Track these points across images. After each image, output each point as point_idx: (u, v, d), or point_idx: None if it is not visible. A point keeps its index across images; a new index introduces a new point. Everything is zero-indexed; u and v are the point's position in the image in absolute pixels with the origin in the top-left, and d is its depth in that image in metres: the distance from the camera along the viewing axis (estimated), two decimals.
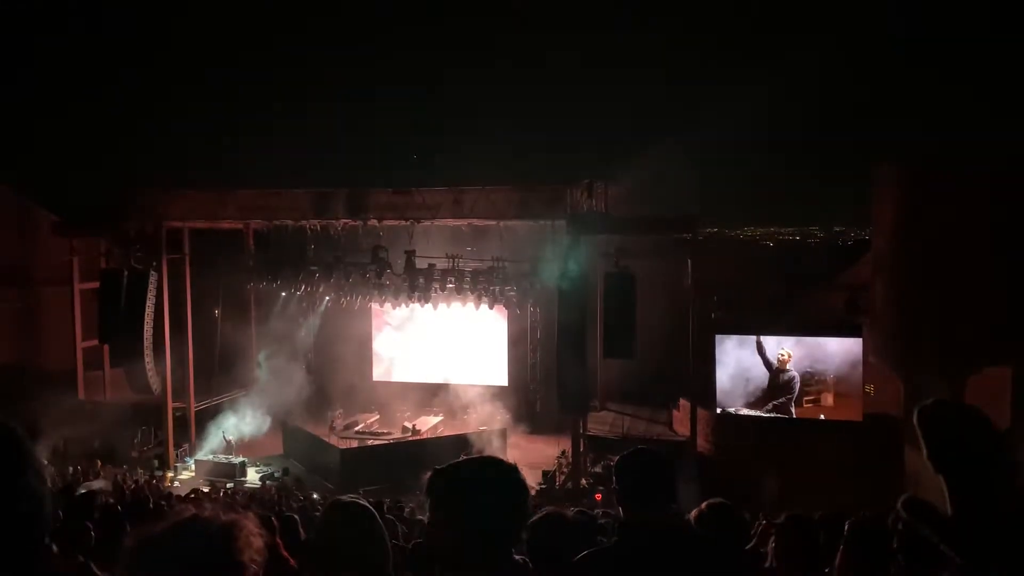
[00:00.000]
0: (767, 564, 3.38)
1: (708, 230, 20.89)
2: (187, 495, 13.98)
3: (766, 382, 18.64)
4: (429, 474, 2.04)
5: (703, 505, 3.60)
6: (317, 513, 11.11)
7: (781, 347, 18.54)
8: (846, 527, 5.32)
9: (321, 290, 21.28)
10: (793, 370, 18.44)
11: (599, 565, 2.53)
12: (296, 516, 5.14)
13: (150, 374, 20.39)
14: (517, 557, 2.03)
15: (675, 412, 20.90)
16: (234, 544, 1.37)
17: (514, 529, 2.01)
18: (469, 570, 1.93)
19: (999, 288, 16.12)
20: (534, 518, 3.17)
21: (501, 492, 1.97)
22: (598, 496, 16.38)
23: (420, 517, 10.37)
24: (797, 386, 18.41)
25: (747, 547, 4.08)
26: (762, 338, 18.63)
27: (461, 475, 2.00)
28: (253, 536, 1.40)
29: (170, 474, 19.90)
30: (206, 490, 16.74)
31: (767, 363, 18.61)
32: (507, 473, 2.03)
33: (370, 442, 20.32)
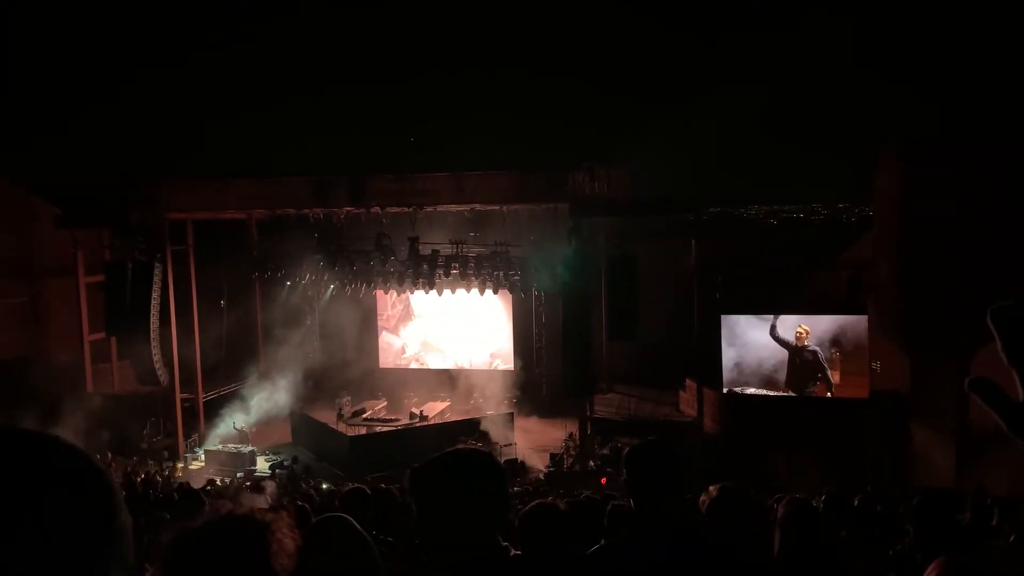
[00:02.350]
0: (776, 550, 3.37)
1: (711, 210, 20.78)
2: (203, 487, 14.03)
3: (772, 363, 18.57)
4: (408, 473, 2.08)
5: (711, 489, 3.56)
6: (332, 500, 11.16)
7: (799, 324, 18.37)
8: (856, 503, 5.36)
9: (326, 278, 21.31)
10: (812, 344, 18.29)
11: (612, 559, 2.54)
12: (308, 506, 5.17)
13: (157, 365, 20.45)
14: (504, 543, 2.06)
15: (682, 393, 20.94)
16: (268, 545, 1.38)
17: (496, 515, 2.05)
18: (457, 560, 1.97)
19: (1003, 262, 16.08)
20: (524, 510, 3.17)
21: (479, 481, 2.02)
22: (603, 480, 16.42)
23: None
24: (824, 359, 18.22)
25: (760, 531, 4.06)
26: (776, 321, 18.46)
27: (438, 469, 2.05)
28: (286, 539, 1.42)
29: (180, 465, 20.01)
30: (218, 480, 16.83)
31: (784, 344, 18.48)
32: (483, 461, 2.09)
33: (378, 428, 20.39)
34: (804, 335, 18.30)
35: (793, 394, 18.40)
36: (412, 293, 21.60)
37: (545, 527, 3.03)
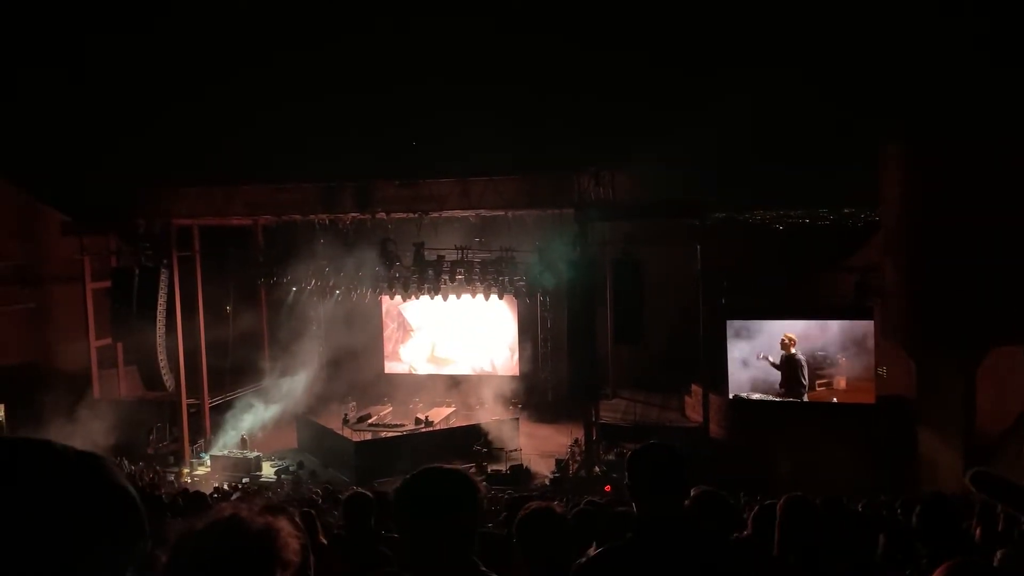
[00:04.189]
0: (774, 552, 3.38)
1: (717, 215, 20.73)
2: (210, 494, 14.03)
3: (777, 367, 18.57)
4: (393, 491, 2.09)
5: (691, 492, 3.58)
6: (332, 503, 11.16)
7: (785, 332, 18.40)
8: (860, 508, 5.34)
9: (331, 284, 21.35)
10: (799, 354, 18.32)
11: (614, 562, 2.54)
12: (313, 512, 5.17)
13: (163, 371, 20.50)
14: (483, 569, 2.05)
15: (687, 398, 20.89)
16: (273, 546, 1.38)
17: (469, 534, 2.03)
18: None
19: (1011, 265, 16.03)
20: (521, 514, 3.15)
21: (449, 500, 2.01)
22: (607, 488, 16.38)
23: None
24: (805, 369, 18.26)
25: (741, 533, 4.08)
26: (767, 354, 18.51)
27: (409, 490, 2.04)
28: (291, 538, 1.41)
29: (186, 470, 20.04)
30: (225, 487, 16.84)
31: (776, 366, 18.48)
32: (454, 480, 2.06)
33: (383, 434, 20.39)
34: (791, 343, 18.30)
35: (795, 399, 18.36)
36: (417, 299, 21.60)
37: (542, 530, 3.02)
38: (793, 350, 18.34)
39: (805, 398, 18.35)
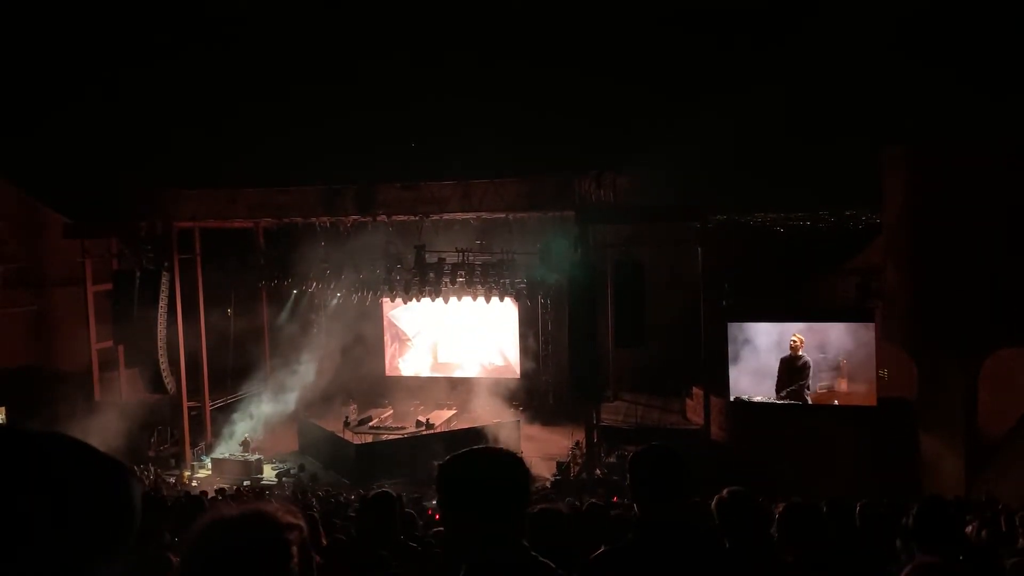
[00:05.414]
0: (773, 555, 3.39)
1: (718, 217, 20.71)
2: (213, 496, 14.02)
3: (777, 369, 18.55)
4: (439, 466, 2.06)
5: (724, 492, 3.62)
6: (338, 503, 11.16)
7: (793, 332, 18.41)
8: (857, 510, 5.35)
9: (332, 286, 21.37)
10: (806, 355, 18.33)
11: (615, 564, 2.54)
12: (316, 515, 5.18)
13: (164, 373, 20.51)
14: (534, 553, 2.03)
15: (688, 400, 20.88)
16: (288, 546, 1.38)
17: (520, 515, 2.01)
18: (485, 558, 1.95)
19: (1013, 268, 16.04)
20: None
21: (501, 483, 1.98)
22: (615, 499, 16.34)
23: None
24: (811, 371, 18.28)
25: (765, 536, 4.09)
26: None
27: (461, 468, 2.01)
28: (290, 516, 1.41)
29: (187, 473, 20.04)
30: (226, 489, 16.82)
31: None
32: (507, 462, 2.04)
33: (384, 436, 20.38)
34: (798, 344, 18.27)
35: (797, 401, 18.34)
36: (419, 301, 21.59)
37: (547, 531, 3.03)
38: (800, 351, 18.31)
39: (808, 400, 18.32)
